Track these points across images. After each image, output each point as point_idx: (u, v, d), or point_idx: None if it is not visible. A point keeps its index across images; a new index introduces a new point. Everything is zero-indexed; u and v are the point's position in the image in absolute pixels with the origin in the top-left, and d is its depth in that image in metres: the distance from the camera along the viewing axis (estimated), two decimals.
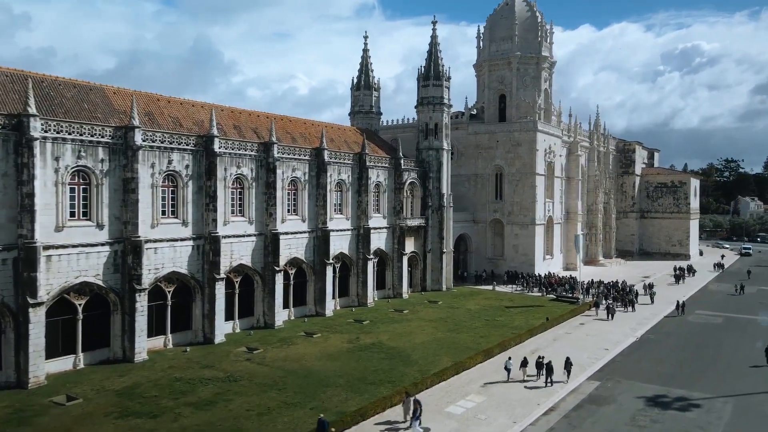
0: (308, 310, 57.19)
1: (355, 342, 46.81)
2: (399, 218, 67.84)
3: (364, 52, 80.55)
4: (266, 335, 48.54)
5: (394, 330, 51.10)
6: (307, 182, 56.68)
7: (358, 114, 79.09)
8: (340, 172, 60.64)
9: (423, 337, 48.85)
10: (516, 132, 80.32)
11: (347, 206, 61.77)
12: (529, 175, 79.27)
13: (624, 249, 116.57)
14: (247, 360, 41.26)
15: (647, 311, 62.35)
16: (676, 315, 60.90)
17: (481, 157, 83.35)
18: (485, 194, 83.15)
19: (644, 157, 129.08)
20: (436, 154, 72.83)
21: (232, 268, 49.09)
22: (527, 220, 79.51)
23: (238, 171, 49.67)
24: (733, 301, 70.08)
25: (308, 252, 56.68)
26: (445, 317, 56.73)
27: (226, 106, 55.48)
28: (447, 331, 51.18)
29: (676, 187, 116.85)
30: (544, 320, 55.11)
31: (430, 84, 72.77)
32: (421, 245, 72.30)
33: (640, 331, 53.25)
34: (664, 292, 73.87)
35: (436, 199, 72.79)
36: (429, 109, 72.74)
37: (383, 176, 66.60)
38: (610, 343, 48.51)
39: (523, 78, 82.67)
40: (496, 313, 59.00)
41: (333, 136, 65.53)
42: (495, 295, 69.62)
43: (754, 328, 55.85)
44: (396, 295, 67.59)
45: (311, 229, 56.94)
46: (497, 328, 52.31)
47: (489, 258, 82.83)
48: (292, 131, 59.99)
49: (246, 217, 50.62)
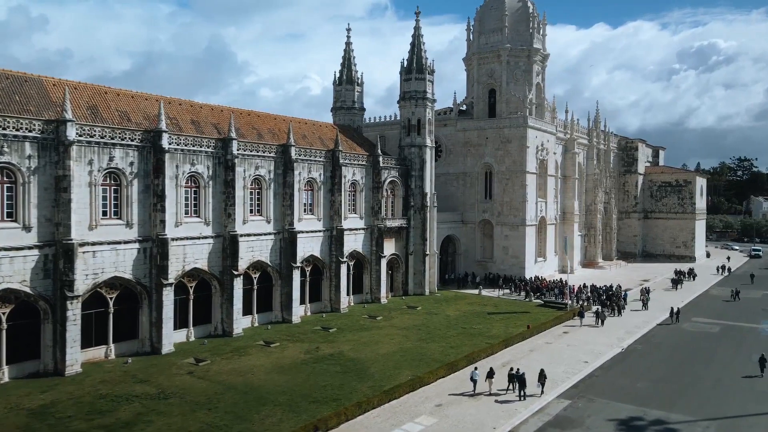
0: (274, 317, 53.92)
1: (314, 352, 43.43)
2: (377, 219, 64.37)
3: (347, 45, 76.98)
4: (221, 344, 45.31)
5: (360, 339, 47.67)
6: (273, 181, 53.40)
7: (340, 110, 75.55)
8: (311, 170, 57.29)
9: (389, 347, 45.37)
10: (506, 128, 76.49)
11: (319, 206, 58.41)
12: (519, 174, 75.39)
13: (626, 251, 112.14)
14: (188, 373, 38.02)
15: (639, 318, 58.36)
16: (670, 323, 56.86)
17: (470, 154, 79.62)
18: (474, 194, 79.39)
19: (648, 156, 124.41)
20: (419, 152, 69.25)
21: (186, 272, 45.92)
22: (517, 220, 75.65)
23: (192, 168, 46.49)
24: (731, 307, 65.73)
25: (274, 255, 53.39)
26: (420, 324, 53.19)
27: (184, 100, 52.37)
28: (417, 340, 47.65)
29: (680, 186, 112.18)
30: (525, 328, 51.47)
31: (412, 77, 69.22)
32: (403, 247, 68.77)
33: (628, 341, 49.34)
34: (660, 297, 69.77)
35: (418, 198, 69.22)
36: (411, 104, 69.19)
37: (360, 174, 63.16)
38: (591, 354, 44.70)
39: (513, 71, 78.77)
40: (475, 321, 55.34)
41: (306, 132, 62.24)
42: (480, 300, 65.92)
43: (754, 338, 51.70)
44: (374, 299, 64.13)
45: (277, 231, 53.65)
46: (472, 338, 48.68)
47: (478, 260, 79.07)
48: (259, 127, 56.73)
49: (202, 217, 47.44)
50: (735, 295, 69.89)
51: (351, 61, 76.46)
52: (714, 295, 75.18)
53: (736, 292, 70.33)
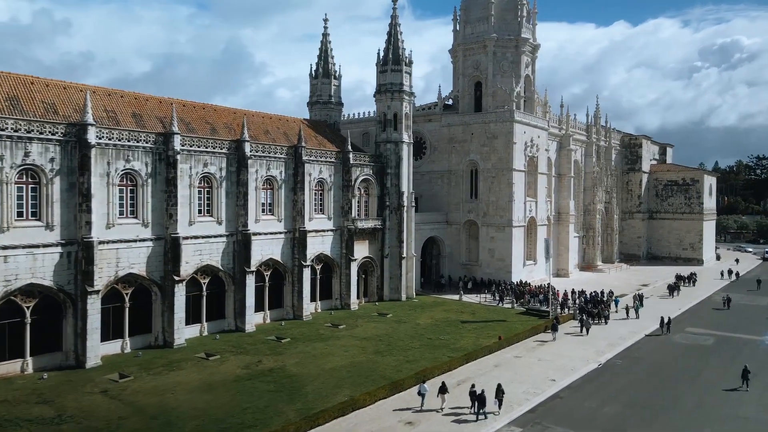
0: (227, 325, 50.12)
1: (253, 367, 39.49)
2: (347, 219, 60.27)
3: (324, 36, 73.02)
4: (156, 357, 41.55)
5: (311, 351, 43.64)
6: (225, 179, 49.59)
7: (316, 104, 71.65)
8: (270, 167, 53.37)
9: (340, 360, 41.28)
10: (491, 123, 71.89)
11: (279, 206, 54.48)
12: (506, 171, 70.76)
13: (629, 253, 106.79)
14: (102, 392, 34.26)
15: (627, 328, 53.56)
16: (660, 333, 52.02)
17: (454, 151, 75.17)
18: (459, 193, 74.91)
19: (655, 153, 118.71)
20: (395, 148, 65.02)
21: (120, 277, 42.27)
22: (503, 221, 71.02)
23: (127, 165, 42.82)
24: (727, 317, 60.37)
25: (226, 258, 49.58)
26: (383, 334, 49.02)
27: (127, 92, 48.76)
28: (373, 353, 43.48)
29: (687, 184, 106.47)
30: (497, 339, 47.08)
31: (388, 69, 65.04)
32: (378, 250, 64.61)
33: (607, 355, 44.69)
34: (655, 304, 64.82)
35: (394, 198, 64.99)
36: (387, 97, 65.00)
37: (328, 172, 59.11)
38: (561, 371, 40.15)
39: (500, 63, 74.11)
40: (446, 330, 51.01)
41: (270, 127, 58.38)
42: (459, 307, 61.50)
43: (750, 352, 46.71)
44: (344, 305, 60.06)
45: (230, 233, 49.83)
46: (435, 350, 44.40)
47: (463, 263, 74.59)
48: (214, 121, 52.98)
49: (139, 218, 43.75)
50: (726, 303, 64.22)
51: (328, 54, 72.53)
52: (717, 302, 69.85)
53: (727, 300, 64.66)
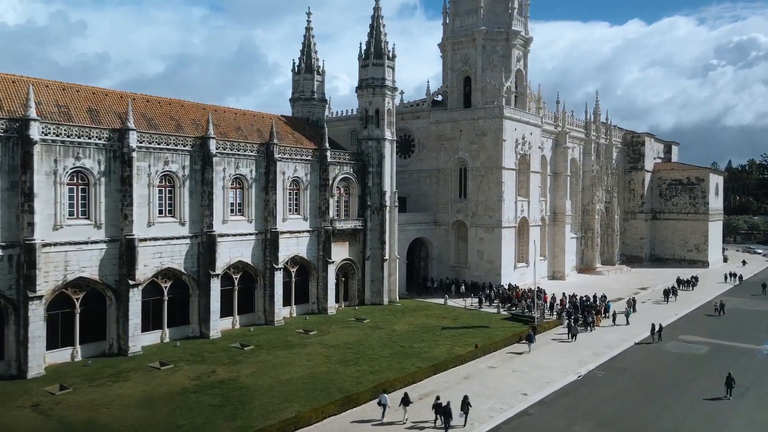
0: (191, 331, 47.73)
1: (205, 378, 37.02)
2: (325, 220, 57.70)
3: (307, 30, 70.40)
4: (106, 366, 39.18)
5: (272, 360, 41.10)
6: (189, 178, 47.21)
7: (298, 101, 68.99)
8: (239, 165, 50.93)
9: (299, 371, 38.70)
10: (480, 119, 68.97)
11: (250, 206, 52.00)
12: (495, 170, 67.78)
13: (632, 254, 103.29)
14: (34, 406, 31.94)
15: (616, 335, 50.46)
16: (651, 341, 48.88)
17: (443, 149, 72.33)
18: (448, 192, 72.10)
19: (659, 151, 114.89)
20: (377, 145, 62.36)
21: (69, 282, 39.95)
22: (492, 221, 68.07)
23: (77, 163, 40.52)
24: (724, 324, 56.90)
25: (190, 261, 47.20)
26: (354, 342, 46.38)
27: (85, 86, 46.48)
28: (338, 362, 40.86)
29: (692, 184, 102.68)
30: (474, 348, 44.27)
31: (369, 63, 62.42)
32: (359, 251, 61.97)
33: (590, 366, 41.68)
34: (651, 310, 61.61)
35: (376, 197, 62.30)
36: (368, 92, 62.36)
37: (304, 171, 56.57)
38: (536, 384, 37.25)
39: (489, 57, 71.13)
40: (422, 337, 48.27)
41: (242, 124, 55.96)
42: (442, 311, 58.68)
43: (746, 362, 43.47)
44: (321, 310, 57.49)
45: (193, 234, 47.44)
46: (404, 359, 41.69)
47: (452, 265, 71.76)
48: (180, 117, 50.63)
49: (92, 219, 41.44)
50: (719, 310, 60.25)
51: (311, 48, 69.88)
52: None
53: (720, 306, 60.69)
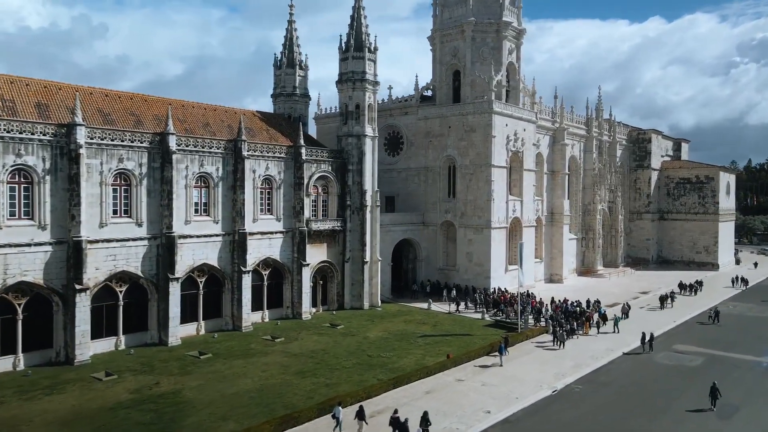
0: (149, 338, 45.28)
1: (146, 390, 34.44)
2: (299, 220, 54.96)
3: (290, 24, 67.91)
4: (46, 377, 36.77)
5: (226, 370, 38.43)
6: (147, 176, 44.76)
7: (279, 97, 66.48)
8: (204, 163, 48.40)
9: (250, 383, 35.96)
10: (469, 115, 65.71)
11: (216, 206, 49.44)
12: (484, 167, 64.48)
13: (638, 256, 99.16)
14: None
15: (604, 344, 46.99)
16: (641, 352, 45.34)
17: (431, 146, 69.21)
18: (436, 191, 68.96)
19: (668, 149, 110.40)
20: (357, 142, 59.48)
21: (9, 286, 37.67)
22: (482, 222, 64.78)
23: (18, 161, 38.24)
24: (728, 332, 53.02)
25: (148, 264, 44.75)
26: (320, 350, 43.55)
27: (36, 80, 44.27)
28: (295, 373, 38.05)
29: (701, 183, 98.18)
30: (445, 358, 41.21)
31: (350, 56, 59.55)
32: (339, 253, 59.16)
33: (568, 379, 38.35)
34: (646, 316, 57.99)
35: (357, 197, 59.43)
36: (348, 86, 59.52)
37: (277, 169, 53.90)
38: (504, 400, 34.08)
39: (479, 50, 67.81)
40: (394, 345, 45.30)
41: (212, 120, 53.45)
42: (423, 317, 55.62)
43: (741, 376, 39.81)
44: (295, 315, 54.77)
45: (152, 235, 44.97)
46: (367, 371, 38.77)
47: (440, 268, 68.60)
48: (141, 113, 48.24)
49: (35, 220, 39.14)
50: (714, 318, 55.91)
51: (293, 42, 67.38)
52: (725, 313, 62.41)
53: (714, 314, 56.37)
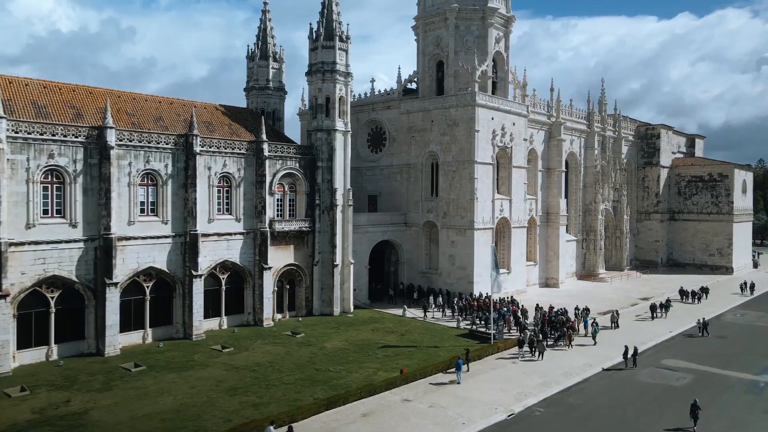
0: (86, 347, 42.06)
1: (51, 410, 31.11)
2: (261, 221, 51.38)
3: (264, 13, 64.73)
4: None
5: (152, 386, 34.96)
6: (82, 173, 41.55)
7: (252, 91, 63.20)
8: (150, 159, 45.04)
9: (170, 402, 32.42)
10: (452, 108, 61.39)
11: (165, 205, 46.08)
12: (467, 164, 60.13)
13: (647, 259, 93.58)
14: None
15: (582, 358, 42.40)
16: (623, 368, 40.69)
17: (414, 142, 65.08)
18: (418, 190, 64.82)
19: (680, 145, 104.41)
20: (327, 137, 55.71)
21: None
22: (464, 222, 60.45)
23: None
24: (726, 346, 47.92)
25: (83, 268, 41.53)
26: (266, 362, 39.89)
27: None
28: (225, 390, 34.42)
29: (715, 181, 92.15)
30: (399, 373, 37.22)
31: (319, 46, 55.89)
32: (308, 256, 55.47)
33: (530, 400, 33.98)
34: (637, 326, 53.12)
35: (327, 195, 55.66)
36: (318, 78, 55.85)
37: (236, 166, 50.41)
38: (449, 426, 29.92)
39: (463, 38, 63.41)
40: (350, 357, 41.43)
41: (166, 113, 50.18)
42: (395, 325, 51.60)
43: (734, 397, 35.01)
44: (257, 321, 51.22)
45: (88, 237, 41.76)
46: (309, 387, 34.99)
47: (422, 271, 64.41)
48: (82, 106, 45.09)
49: None
50: (702, 329, 50.29)
51: (267, 33, 64.24)
52: (729, 322, 57.28)
53: (703, 325, 50.58)
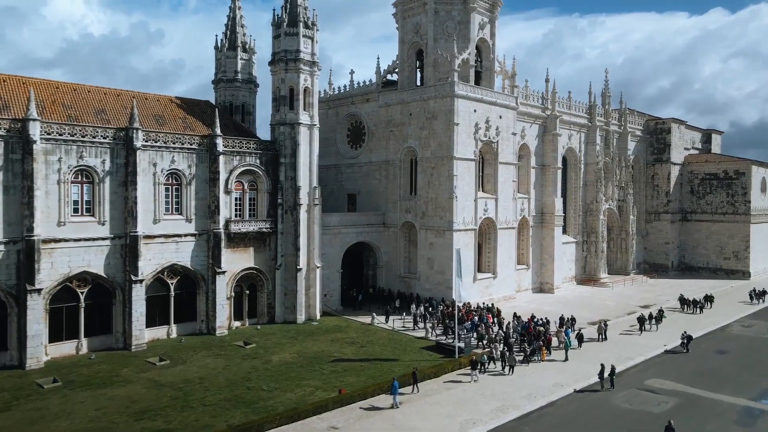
0: (9, 359, 38.71)
1: None
2: (215, 221, 47.61)
3: (233, 2, 60.98)
4: None
5: (57, 406, 31.37)
6: (3, 169, 38.24)
7: (220, 83, 59.63)
8: (83, 155, 41.48)
9: (65, 428, 28.75)
10: (431, 100, 56.87)
11: (102, 205, 42.53)
12: (446, 160, 55.56)
13: (656, 262, 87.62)
14: None
15: (554, 377, 37.54)
16: (599, 389, 35.79)
17: (393, 137, 60.73)
18: (396, 188, 60.45)
19: (694, 141, 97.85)
20: (291, 132, 51.74)
21: None
22: (443, 223, 55.88)
23: None
24: (723, 364, 42.56)
25: (4, 273, 38.20)
26: (195, 379, 36.01)
27: None
28: (134, 412, 30.61)
29: (730, 179, 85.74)
30: (337, 393, 33.05)
31: (282, 33, 51.86)
32: (270, 259, 51.56)
33: (478, 429, 29.44)
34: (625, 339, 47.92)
35: (290, 194, 51.70)
36: (281, 68, 51.86)
37: (186, 162, 46.71)
38: None
39: (443, 24, 58.73)
40: (293, 373, 37.36)
41: (110, 106, 46.69)
42: (358, 335, 47.35)
43: (721, 429, 29.95)
44: (210, 329, 47.46)
45: (9, 239, 38.38)
46: (230, 410, 31.02)
47: (401, 275, 60.00)
48: (9, 98, 41.79)
49: None
50: (686, 344, 44.49)
51: (236, 22, 60.52)
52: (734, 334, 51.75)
53: (686, 340, 44.57)
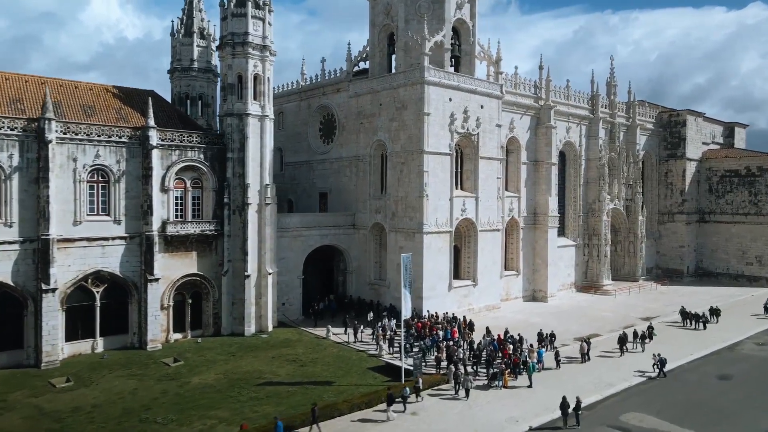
0: None
1: None
2: (147, 223, 42.82)
3: None
4: None
5: None
6: None
7: (175, 72, 55.11)
8: None
9: None
10: (401, 88, 51.19)
11: (10, 204, 38.08)
12: (416, 155, 49.83)
13: (670, 267, 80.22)
14: None
15: (509, 409, 31.54)
16: (561, 426, 29.71)
17: (363, 130, 55.22)
18: (366, 186, 54.93)
19: (714, 135, 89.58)
20: (239, 124, 46.68)
21: None
22: (413, 225, 50.16)
23: None
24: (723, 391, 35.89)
25: None
26: (89, 406, 31.27)
27: None
28: None
29: (753, 176, 77.75)
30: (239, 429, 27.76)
31: (228, 14, 46.84)
32: (216, 265, 46.62)
33: None
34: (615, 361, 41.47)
35: (238, 193, 46.66)
36: (228, 53, 46.84)
37: (114, 157, 42.01)
38: None
39: (415, 3, 52.94)
40: (206, 400, 32.29)
41: (29, 95, 42.29)
42: (306, 350, 41.98)
43: None
44: (141, 344, 42.67)
45: None
46: None
47: (370, 283, 54.43)
48: None
49: None
50: (660, 369, 37.37)
51: (193, 6, 56.00)
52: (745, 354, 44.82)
53: (660, 363, 37.41)
